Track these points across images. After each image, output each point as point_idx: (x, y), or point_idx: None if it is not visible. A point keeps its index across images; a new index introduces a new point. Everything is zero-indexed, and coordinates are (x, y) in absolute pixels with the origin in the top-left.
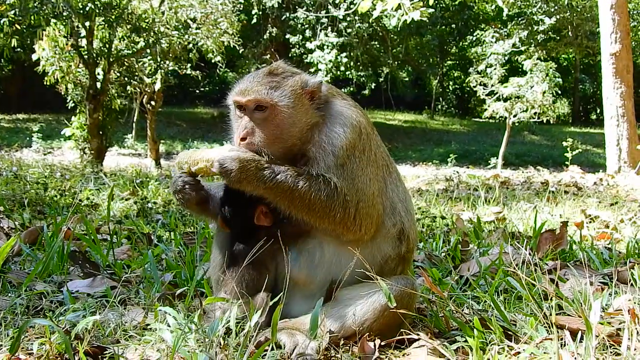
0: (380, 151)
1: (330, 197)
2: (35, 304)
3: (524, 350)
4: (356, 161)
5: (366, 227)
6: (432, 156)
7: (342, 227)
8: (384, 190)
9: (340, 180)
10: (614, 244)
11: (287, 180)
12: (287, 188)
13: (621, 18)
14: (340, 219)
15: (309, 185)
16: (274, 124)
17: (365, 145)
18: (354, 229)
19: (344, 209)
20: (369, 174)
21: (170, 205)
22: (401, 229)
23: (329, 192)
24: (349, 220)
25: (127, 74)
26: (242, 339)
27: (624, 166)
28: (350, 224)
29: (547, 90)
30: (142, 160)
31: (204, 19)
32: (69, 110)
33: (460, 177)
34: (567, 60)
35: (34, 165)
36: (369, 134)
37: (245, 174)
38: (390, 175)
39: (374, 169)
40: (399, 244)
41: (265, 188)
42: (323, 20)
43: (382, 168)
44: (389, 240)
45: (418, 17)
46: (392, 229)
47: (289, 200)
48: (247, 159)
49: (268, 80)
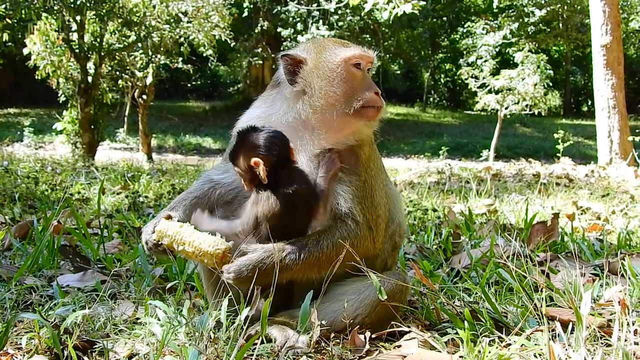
0: (376, 155)
1: (356, 237)
2: (25, 298)
3: (514, 341)
4: (372, 174)
5: (381, 239)
6: (424, 149)
7: (364, 253)
8: (387, 192)
9: (362, 208)
10: (605, 235)
11: (310, 253)
12: (315, 260)
13: (612, 10)
14: (364, 250)
15: (331, 243)
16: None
17: (374, 152)
18: (374, 250)
19: (370, 239)
20: (380, 182)
21: (161, 199)
22: (395, 228)
23: (355, 234)
24: (370, 246)
25: (119, 68)
26: (232, 333)
27: (615, 158)
28: (371, 248)
29: (538, 82)
30: (134, 154)
31: (195, 12)
32: (60, 104)
33: (452, 170)
34: (558, 52)
35: (25, 159)
36: (372, 142)
37: (263, 272)
38: (381, 173)
39: (383, 175)
40: (389, 240)
41: (292, 272)
42: (314, 13)
43: (382, 169)
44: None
45: (410, 10)
46: (387, 229)
47: (317, 268)
48: (260, 259)
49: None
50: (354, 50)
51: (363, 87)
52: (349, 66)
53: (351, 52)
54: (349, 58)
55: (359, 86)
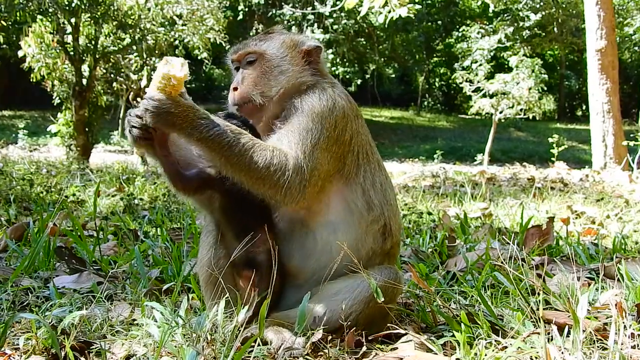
0: (361, 138)
1: (279, 161)
2: (21, 299)
3: (511, 344)
4: (323, 132)
5: (310, 194)
6: (419, 153)
7: (284, 193)
8: (353, 174)
9: (298, 145)
10: (600, 239)
11: (226, 136)
12: (226, 144)
13: (607, 14)
14: (283, 183)
15: (252, 146)
16: (262, 70)
17: (339, 123)
18: (299, 197)
19: (294, 174)
20: (334, 151)
21: (156, 202)
22: (384, 224)
23: (279, 155)
24: (294, 186)
25: (113, 70)
26: (229, 335)
27: (610, 162)
28: (295, 192)
29: (532, 86)
30: (128, 157)
31: (190, 15)
32: (55, 107)
33: (446, 174)
34: (553, 56)
35: (19, 161)
36: (347, 115)
37: (178, 119)
38: (369, 163)
39: (342, 149)
40: (383, 240)
41: (199, 139)
42: (309, 16)
43: (358, 153)
44: (372, 235)
45: (405, 14)
46: (374, 224)
47: (225, 158)
48: (185, 102)
49: (260, 36)
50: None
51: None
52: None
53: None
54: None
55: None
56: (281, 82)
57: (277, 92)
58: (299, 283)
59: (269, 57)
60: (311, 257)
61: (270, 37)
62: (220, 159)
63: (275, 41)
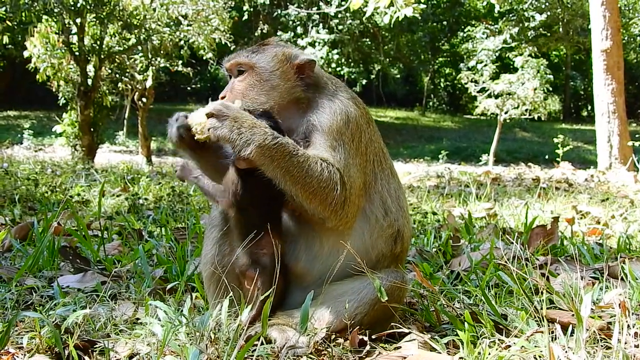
0: (374, 146)
1: (330, 175)
2: (26, 298)
3: (514, 343)
4: (345, 147)
5: (352, 215)
6: (424, 153)
7: (331, 210)
8: (372, 184)
9: (336, 162)
10: (604, 239)
11: (288, 145)
12: (287, 153)
13: (612, 14)
14: (331, 200)
15: (308, 157)
16: (250, 83)
17: (355, 135)
18: (342, 214)
19: (341, 190)
20: (357, 164)
21: (161, 202)
22: (398, 230)
23: (330, 169)
24: (339, 204)
25: (118, 70)
26: (233, 334)
27: (615, 162)
28: (339, 209)
29: (538, 86)
30: (134, 157)
31: (195, 15)
32: (60, 107)
33: (451, 174)
34: (558, 56)
35: (24, 161)
36: (360, 125)
37: (238, 128)
38: (383, 170)
39: (363, 160)
40: (393, 244)
41: (261, 148)
42: (314, 17)
43: (373, 162)
44: (384, 239)
45: (411, 14)
46: (388, 229)
47: (285, 168)
48: (243, 114)
49: (254, 47)
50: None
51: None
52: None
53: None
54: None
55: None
56: (274, 98)
57: (269, 107)
58: (306, 285)
59: (258, 70)
60: (318, 260)
61: (263, 50)
62: (281, 170)
63: (267, 54)
